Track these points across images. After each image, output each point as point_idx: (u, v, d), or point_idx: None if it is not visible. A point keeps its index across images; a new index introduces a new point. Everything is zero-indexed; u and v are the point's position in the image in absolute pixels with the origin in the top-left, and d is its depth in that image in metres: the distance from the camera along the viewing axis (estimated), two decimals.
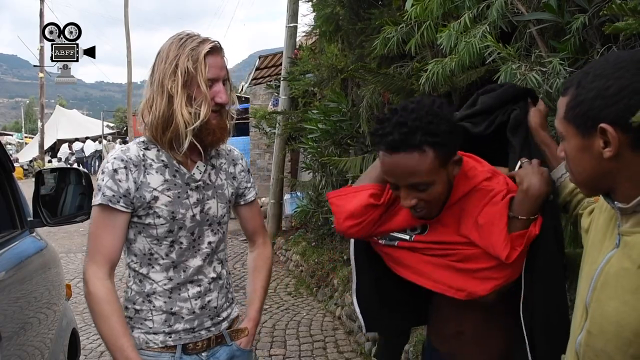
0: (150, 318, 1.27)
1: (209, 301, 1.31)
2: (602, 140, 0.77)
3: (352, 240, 1.32)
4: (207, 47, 1.22)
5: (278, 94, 7.09)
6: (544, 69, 1.56)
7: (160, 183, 1.25)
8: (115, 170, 1.21)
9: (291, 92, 6.14)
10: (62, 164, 17.41)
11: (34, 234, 2.24)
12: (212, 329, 1.33)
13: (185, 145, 1.21)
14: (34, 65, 20.74)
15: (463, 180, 1.16)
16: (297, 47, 6.34)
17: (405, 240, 1.19)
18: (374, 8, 3.34)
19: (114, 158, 1.23)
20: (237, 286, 5.11)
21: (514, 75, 1.57)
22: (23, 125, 45.80)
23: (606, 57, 0.81)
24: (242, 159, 1.44)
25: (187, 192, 1.27)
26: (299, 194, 6.35)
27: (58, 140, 22.23)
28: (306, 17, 7.63)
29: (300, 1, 6.12)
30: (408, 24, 2.18)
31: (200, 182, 1.30)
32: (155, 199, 1.23)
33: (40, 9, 20.15)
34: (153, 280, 1.27)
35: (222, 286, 1.36)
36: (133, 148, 1.26)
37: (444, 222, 1.17)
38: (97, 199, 1.22)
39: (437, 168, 1.07)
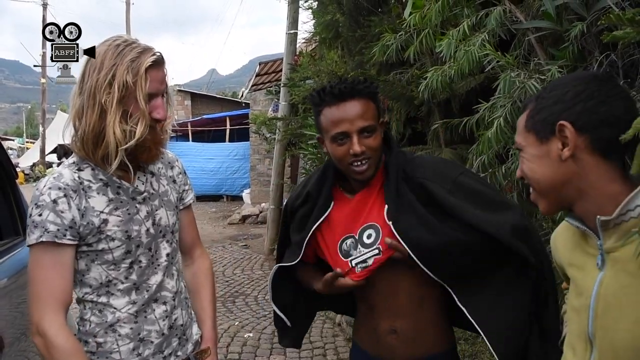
0: (117, 349, 1.15)
1: (175, 319, 1.24)
2: (560, 142, 0.81)
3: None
4: (149, 60, 1.09)
5: (278, 99, 7.11)
6: (543, 77, 1.56)
7: (105, 204, 1.13)
8: (54, 201, 1.08)
9: (291, 98, 6.16)
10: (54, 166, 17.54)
11: None
12: (179, 352, 1.25)
13: (114, 165, 1.10)
14: (34, 66, 20.86)
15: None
16: (297, 53, 6.36)
17: (377, 255, 1.21)
18: (373, 15, 3.36)
19: (49, 188, 1.09)
20: (237, 292, 5.10)
21: (513, 83, 1.58)
22: (24, 130, 45.94)
23: (568, 75, 0.90)
24: (177, 160, 1.35)
25: (135, 206, 1.17)
26: None
27: (59, 145, 22.30)
28: (306, 24, 7.66)
29: (300, 8, 6.15)
30: (407, 31, 2.19)
31: (145, 194, 1.20)
32: (105, 222, 1.12)
33: (43, 15, 20.32)
34: (115, 308, 1.15)
35: (183, 301, 1.29)
36: (66, 172, 1.12)
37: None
38: (35, 237, 1.07)
39: (377, 118, 1.22)
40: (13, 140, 32.02)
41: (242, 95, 13.08)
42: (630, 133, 0.76)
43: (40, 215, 1.07)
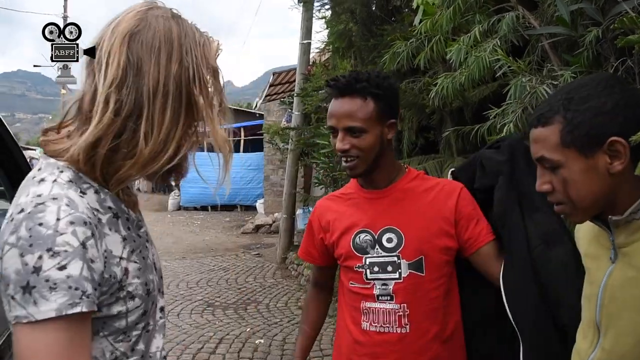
0: None
1: None
2: (607, 156, 0.80)
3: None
4: (218, 49, 0.82)
5: (291, 110, 7.15)
6: (555, 82, 1.54)
7: (122, 245, 0.76)
8: (83, 245, 0.67)
9: (304, 108, 6.18)
10: None
11: None
12: None
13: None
14: (41, 65, 21.70)
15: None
16: (311, 63, 6.41)
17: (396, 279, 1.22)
18: (386, 24, 3.36)
19: (70, 223, 0.66)
20: (249, 299, 5.10)
21: (523, 89, 1.56)
22: None
23: (581, 82, 0.86)
24: None
25: (145, 245, 0.83)
26: (311, 209, 6.35)
27: None
28: (319, 34, 7.71)
29: (313, 18, 6.21)
30: (418, 38, 2.18)
31: (145, 227, 0.87)
32: (126, 272, 0.75)
33: None
34: None
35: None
36: (73, 196, 0.70)
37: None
38: (59, 305, 0.63)
39: (373, 119, 1.18)
40: (35, 150, 32.75)
41: (256, 106, 13.20)
42: None
43: (64, 268, 0.64)
